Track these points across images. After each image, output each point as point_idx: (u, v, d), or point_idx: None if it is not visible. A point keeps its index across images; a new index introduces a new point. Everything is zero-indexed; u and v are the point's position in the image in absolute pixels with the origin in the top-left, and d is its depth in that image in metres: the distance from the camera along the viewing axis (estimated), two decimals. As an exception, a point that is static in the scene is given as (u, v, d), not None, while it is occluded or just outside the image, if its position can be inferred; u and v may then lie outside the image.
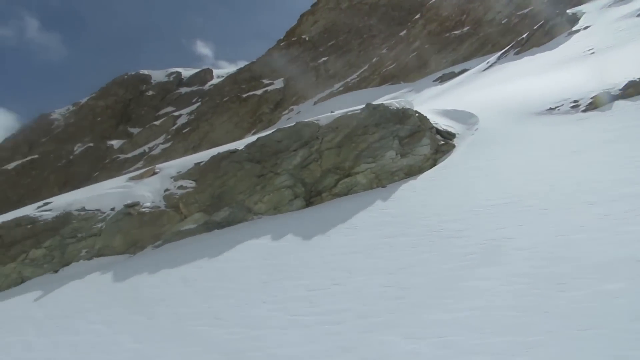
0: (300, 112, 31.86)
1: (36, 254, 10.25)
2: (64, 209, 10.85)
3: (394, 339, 4.36)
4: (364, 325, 4.82)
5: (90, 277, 9.34)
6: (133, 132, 43.73)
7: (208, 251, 9.03)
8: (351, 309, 5.25)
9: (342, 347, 4.48)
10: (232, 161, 10.96)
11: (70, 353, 6.37)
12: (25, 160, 48.03)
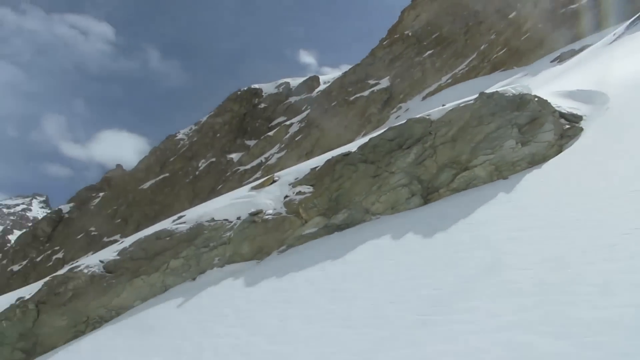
0: (409, 109, 31.45)
1: (175, 264, 11.16)
2: (196, 221, 11.70)
3: (535, 339, 4.10)
4: (497, 324, 4.60)
5: (224, 283, 9.98)
6: (250, 145, 45.93)
7: (330, 253, 9.21)
8: (481, 308, 5.04)
9: (477, 347, 4.32)
10: (346, 164, 11.11)
11: (213, 355, 6.85)
12: (158, 179, 52.30)
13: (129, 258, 11.30)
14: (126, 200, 52.76)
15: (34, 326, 10.36)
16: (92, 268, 11.20)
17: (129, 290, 10.82)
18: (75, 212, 59.01)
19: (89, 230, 51.12)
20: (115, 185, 60.55)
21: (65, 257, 49.11)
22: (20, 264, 55.83)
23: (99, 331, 9.96)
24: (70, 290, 10.71)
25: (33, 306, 10.59)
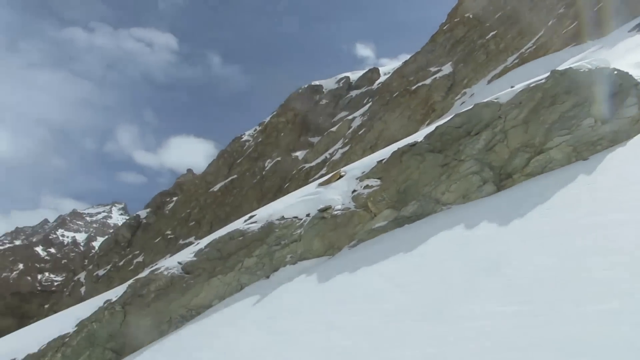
0: (474, 94, 30.43)
1: (249, 263, 11.40)
2: (267, 220, 11.89)
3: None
4: (587, 315, 4.32)
5: (297, 279, 10.07)
6: (313, 142, 46.19)
7: (402, 246, 9.06)
8: (566, 299, 4.75)
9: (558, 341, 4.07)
10: (413, 154, 10.89)
11: (292, 350, 6.91)
12: (227, 181, 53.68)
13: (205, 259, 11.66)
14: (198, 203, 54.60)
15: (121, 327, 10.92)
16: (171, 270, 11.65)
17: (207, 289, 11.16)
18: (152, 217, 61.77)
19: (166, 234, 53.37)
20: (187, 189, 62.88)
21: (145, 260, 51.55)
22: (104, 268, 59.25)
23: (181, 330, 10.34)
24: (152, 292, 11.20)
25: (120, 308, 11.16)
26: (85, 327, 11.20)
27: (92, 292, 50.03)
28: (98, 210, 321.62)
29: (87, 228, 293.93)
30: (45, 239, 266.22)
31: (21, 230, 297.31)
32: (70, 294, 58.67)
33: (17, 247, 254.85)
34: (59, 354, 10.82)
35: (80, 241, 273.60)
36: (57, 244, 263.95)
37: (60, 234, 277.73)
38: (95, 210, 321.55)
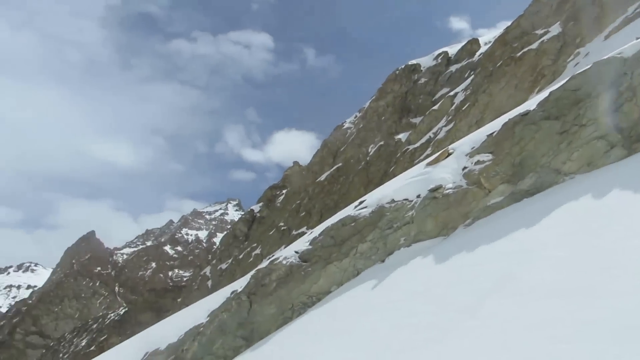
0: (589, 53, 27.88)
1: (363, 248, 11.47)
2: (377, 204, 11.86)
3: None
4: None
5: (413, 262, 9.96)
6: (415, 122, 45.24)
7: (521, 222, 8.59)
8: None
9: None
10: (526, 124, 10.25)
11: (412, 333, 6.85)
12: (332, 170, 54.30)
13: (320, 246, 11.91)
14: (307, 193, 55.88)
15: (248, 315, 11.52)
16: (289, 259, 12.05)
17: (324, 276, 11.41)
18: (265, 210, 64.28)
19: (279, 226, 55.28)
20: (294, 181, 64.66)
21: (263, 252, 53.82)
22: (226, 262, 62.90)
23: (304, 316, 10.68)
24: (274, 281, 11.68)
25: (245, 297, 11.77)
26: (216, 317, 11.97)
27: (217, 285, 53.31)
28: (215, 208, 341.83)
29: (207, 225, 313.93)
30: (172, 239, 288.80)
31: (150, 232, 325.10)
32: (198, 287, 63.02)
33: (149, 248, 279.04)
34: (195, 342, 11.67)
35: (203, 238, 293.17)
36: (182, 242, 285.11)
37: (185, 233, 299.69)
38: (212, 208, 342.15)
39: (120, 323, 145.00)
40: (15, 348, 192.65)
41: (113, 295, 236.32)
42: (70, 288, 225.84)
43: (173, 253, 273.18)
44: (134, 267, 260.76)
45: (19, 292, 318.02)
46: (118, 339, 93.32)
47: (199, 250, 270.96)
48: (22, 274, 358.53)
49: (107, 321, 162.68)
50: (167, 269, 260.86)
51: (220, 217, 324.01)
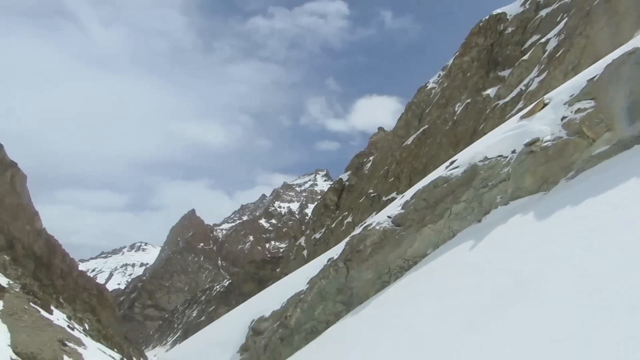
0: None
1: (457, 209, 11.19)
2: (469, 163, 11.47)
3: None
4: None
5: (512, 220, 9.57)
6: (504, 76, 42.91)
7: (634, 171, 7.94)
8: None
9: None
10: (635, 63, 9.34)
11: (516, 286, 6.65)
12: (418, 132, 53.20)
13: (412, 210, 11.79)
14: (394, 158, 55.31)
15: (346, 281, 11.73)
16: (382, 224, 12.06)
17: (420, 240, 11.31)
18: (353, 178, 64.58)
19: (368, 193, 55.37)
20: (381, 147, 64.18)
21: (354, 220, 54.30)
22: (319, 231, 64.22)
23: (402, 280, 10.69)
24: (369, 247, 11.76)
25: (342, 264, 11.98)
26: (315, 284, 12.31)
27: (312, 254, 54.70)
28: (304, 179, 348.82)
29: (298, 197, 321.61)
30: (266, 212, 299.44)
31: (245, 207, 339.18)
32: (295, 257, 65.01)
33: (245, 222, 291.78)
34: (297, 309, 12.12)
35: (295, 210, 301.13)
36: (276, 215, 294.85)
37: (277, 206, 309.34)
38: (302, 180, 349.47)
39: (225, 294, 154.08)
40: (136, 320, 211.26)
41: (217, 268, 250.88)
42: (178, 264, 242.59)
43: (268, 226, 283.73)
44: (233, 241, 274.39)
45: (134, 269, 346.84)
46: (225, 309, 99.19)
47: (292, 221, 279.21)
48: (134, 253, 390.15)
49: (214, 293, 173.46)
50: (264, 241, 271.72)
51: (310, 188, 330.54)
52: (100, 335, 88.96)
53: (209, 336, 16.75)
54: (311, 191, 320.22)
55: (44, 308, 77.73)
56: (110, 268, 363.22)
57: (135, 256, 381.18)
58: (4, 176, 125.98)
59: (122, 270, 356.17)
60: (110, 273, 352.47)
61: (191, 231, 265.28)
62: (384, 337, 8.17)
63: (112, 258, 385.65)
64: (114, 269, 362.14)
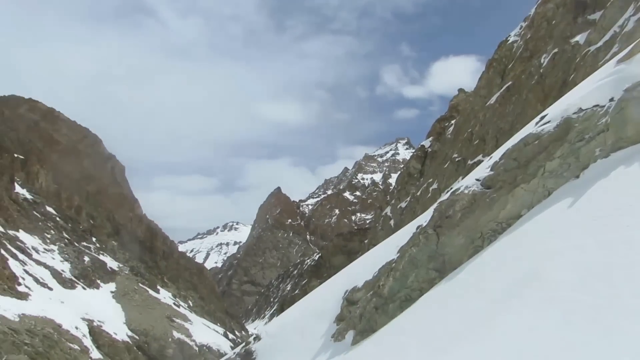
0: None
1: (552, 166, 10.60)
2: (562, 116, 10.79)
3: None
4: None
5: (614, 173, 8.92)
6: (594, 19, 39.60)
7: None
8: None
9: None
10: None
11: (627, 249, 6.24)
12: (502, 90, 50.78)
13: (502, 171, 11.33)
14: (477, 120, 53.29)
15: (437, 248, 11.57)
16: (471, 187, 11.71)
17: (512, 201, 10.87)
18: (436, 144, 63.12)
19: (453, 158, 53.94)
20: (462, 109, 61.98)
21: (440, 186, 53.21)
22: (405, 200, 63.62)
23: (496, 243, 10.37)
24: (458, 212, 11.49)
25: (432, 231, 11.81)
26: (406, 252, 12.25)
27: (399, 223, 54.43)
28: (385, 149, 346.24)
29: (380, 168, 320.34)
30: (349, 185, 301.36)
31: (329, 181, 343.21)
32: (382, 228, 65.07)
33: (330, 196, 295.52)
34: (390, 278, 12.14)
35: (378, 180, 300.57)
36: (359, 187, 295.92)
37: (360, 178, 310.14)
38: (383, 150, 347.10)
39: (316, 267, 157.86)
40: (234, 296, 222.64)
41: (306, 243, 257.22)
42: (269, 240, 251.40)
43: (353, 198, 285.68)
44: (320, 215, 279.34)
45: (228, 248, 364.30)
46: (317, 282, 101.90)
47: (376, 192, 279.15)
48: (227, 233, 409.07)
49: (305, 267, 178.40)
50: (350, 213, 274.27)
51: (392, 158, 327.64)
52: (204, 311, 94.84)
53: (305, 308, 17.26)
54: (393, 160, 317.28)
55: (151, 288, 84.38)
56: (207, 248, 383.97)
57: (229, 235, 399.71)
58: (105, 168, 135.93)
59: (218, 250, 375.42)
60: (207, 253, 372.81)
61: (279, 208, 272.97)
62: (483, 300, 8.00)
63: (208, 238, 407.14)
64: (210, 248, 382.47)
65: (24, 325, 43.06)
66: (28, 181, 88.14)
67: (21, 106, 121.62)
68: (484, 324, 7.13)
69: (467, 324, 7.61)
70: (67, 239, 77.24)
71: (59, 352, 42.35)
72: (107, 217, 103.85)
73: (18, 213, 71.55)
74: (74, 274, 65.71)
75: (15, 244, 61.91)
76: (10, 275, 51.18)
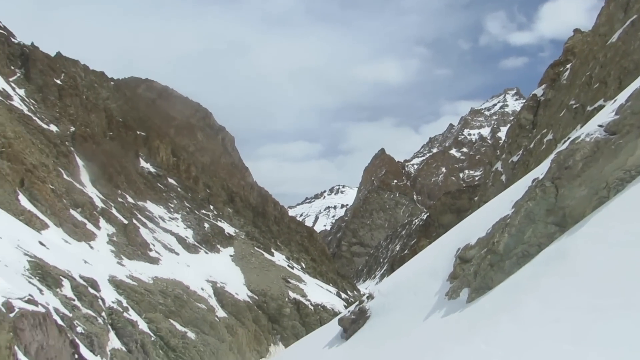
0: None
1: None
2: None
3: None
4: None
5: None
6: None
7: None
8: None
9: None
10: None
11: None
12: (625, 26, 45.67)
13: (630, 114, 10.30)
14: (597, 61, 48.66)
15: (556, 201, 10.89)
16: (592, 135, 10.82)
17: (642, 146, 9.88)
18: (549, 92, 58.82)
19: (569, 105, 50.00)
20: (579, 51, 56.79)
21: (555, 137, 49.78)
22: (516, 154, 60.33)
23: (624, 193, 9.54)
24: (579, 161, 10.68)
25: (550, 183, 11.13)
26: (521, 207, 11.68)
27: (511, 178, 51.99)
28: (493, 102, 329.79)
29: (488, 122, 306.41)
30: (455, 142, 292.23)
31: (433, 139, 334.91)
32: (492, 184, 62.52)
33: (435, 155, 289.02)
34: (505, 234, 11.68)
35: (486, 135, 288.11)
36: (466, 143, 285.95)
37: (467, 134, 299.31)
38: (490, 103, 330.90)
39: (424, 227, 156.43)
40: (345, 257, 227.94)
41: (413, 203, 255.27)
42: (375, 202, 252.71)
43: (460, 155, 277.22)
44: (426, 174, 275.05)
45: (336, 211, 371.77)
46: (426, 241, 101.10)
47: (484, 148, 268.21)
48: (334, 196, 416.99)
49: (413, 227, 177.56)
50: (457, 171, 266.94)
51: (500, 111, 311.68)
52: (316, 272, 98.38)
53: (416, 267, 17.23)
54: (502, 113, 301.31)
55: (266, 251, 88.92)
56: (315, 212, 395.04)
57: (336, 199, 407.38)
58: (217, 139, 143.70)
59: (326, 213, 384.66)
60: (315, 216, 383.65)
61: (383, 169, 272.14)
62: (611, 251, 7.46)
63: (316, 202, 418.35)
64: (319, 212, 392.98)
65: (157, 286, 47.67)
66: (150, 156, 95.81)
67: (139, 86, 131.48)
68: (615, 277, 6.65)
69: (595, 278, 7.16)
70: (188, 207, 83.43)
71: (189, 311, 46.44)
72: (222, 185, 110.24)
73: (144, 185, 78.38)
74: (196, 240, 71.08)
75: (144, 213, 68.10)
76: (142, 242, 56.61)
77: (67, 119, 72.46)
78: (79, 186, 56.72)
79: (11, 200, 39.83)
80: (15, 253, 28.88)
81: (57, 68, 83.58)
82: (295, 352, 23.39)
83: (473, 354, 8.11)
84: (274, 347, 57.22)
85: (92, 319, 30.88)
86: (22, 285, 22.80)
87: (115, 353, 30.90)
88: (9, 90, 63.06)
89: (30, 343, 15.69)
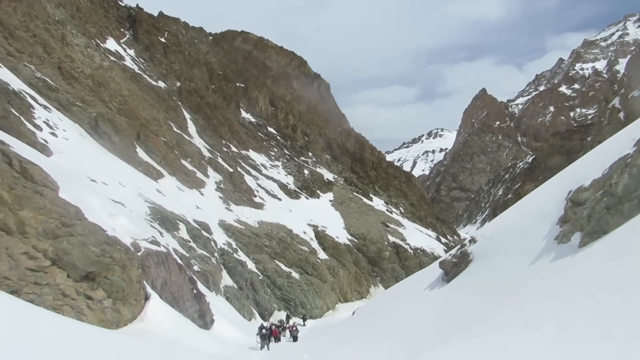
0: None
1: None
2: None
3: None
4: None
5: None
6: None
7: None
8: None
9: None
10: None
11: None
12: None
13: None
14: None
15: (683, 136, 9.92)
16: None
17: None
18: (679, 15, 52.17)
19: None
20: None
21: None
22: (638, 88, 54.74)
23: None
24: None
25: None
26: (643, 144, 10.80)
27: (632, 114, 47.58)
28: (610, 31, 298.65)
29: (604, 53, 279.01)
30: (565, 78, 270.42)
31: (540, 76, 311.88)
32: (609, 122, 57.68)
33: (542, 93, 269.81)
34: (625, 175, 10.88)
35: (601, 69, 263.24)
36: (578, 78, 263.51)
37: (579, 68, 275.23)
38: (606, 33, 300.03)
39: (530, 170, 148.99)
40: (444, 202, 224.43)
41: (517, 145, 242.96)
42: (476, 145, 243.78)
43: (570, 92, 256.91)
44: (532, 114, 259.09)
45: (434, 155, 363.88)
46: (532, 185, 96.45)
47: (599, 83, 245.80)
48: (432, 140, 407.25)
49: (517, 170, 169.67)
50: (567, 109, 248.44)
51: (619, 40, 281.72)
52: (415, 216, 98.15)
53: (522, 211, 16.58)
54: (621, 43, 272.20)
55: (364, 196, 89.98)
56: (413, 156, 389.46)
57: (434, 143, 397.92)
58: (312, 87, 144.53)
59: (424, 157, 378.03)
60: (414, 161, 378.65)
61: (485, 111, 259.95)
62: None
63: (413, 147, 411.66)
64: (417, 156, 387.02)
65: (263, 230, 50.35)
66: (250, 106, 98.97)
67: (236, 39, 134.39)
68: None
69: None
70: (288, 155, 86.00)
71: (292, 253, 48.78)
72: (319, 132, 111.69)
73: (246, 135, 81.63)
74: (297, 186, 73.51)
75: (248, 162, 71.26)
76: (247, 188, 59.58)
77: (173, 75, 76.55)
78: (188, 138, 60.38)
79: (130, 153, 43.54)
80: (137, 200, 31.83)
81: (161, 27, 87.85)
82: (396, 294, 23.86)
83: (589, 301, 7.81)
84: (374, 289, 58.79)
85: (207, 258, 33.61)
86: (145, 228, 25.21)
87: (228, 290, 33.59)
88: (121, 52, 67.57)
89: (156, 279, 17.51)
